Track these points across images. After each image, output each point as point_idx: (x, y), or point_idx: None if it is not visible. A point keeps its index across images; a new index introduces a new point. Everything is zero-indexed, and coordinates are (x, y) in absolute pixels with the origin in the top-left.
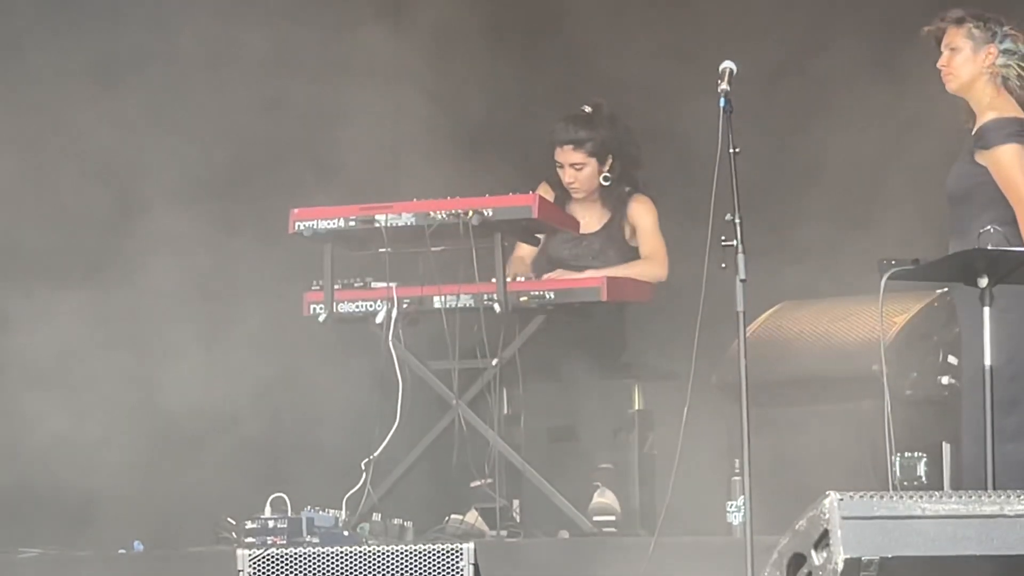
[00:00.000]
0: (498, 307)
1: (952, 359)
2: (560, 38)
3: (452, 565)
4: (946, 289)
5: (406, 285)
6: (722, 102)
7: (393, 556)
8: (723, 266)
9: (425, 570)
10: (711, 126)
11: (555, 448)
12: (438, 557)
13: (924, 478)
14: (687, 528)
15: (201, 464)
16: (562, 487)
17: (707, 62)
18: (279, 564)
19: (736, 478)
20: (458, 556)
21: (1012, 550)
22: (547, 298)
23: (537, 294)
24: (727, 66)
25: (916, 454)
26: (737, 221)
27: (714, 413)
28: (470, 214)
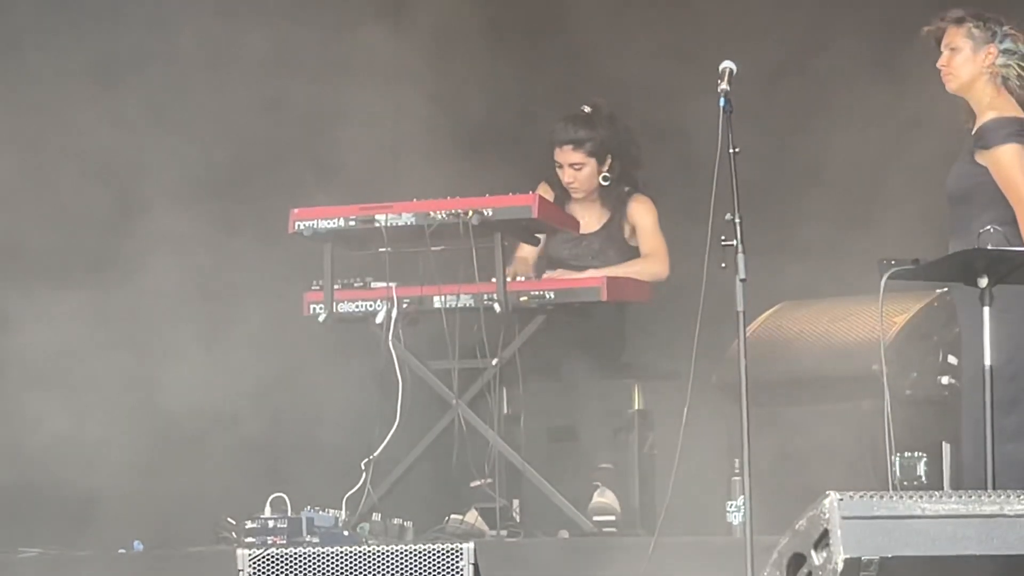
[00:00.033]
0: (498, 307)
1: (952, 359)
2: (560, 38)
3: (452, 565)
4: (946, 289)
5: (406, 285)
6: (722, 102)
7: (393, 556)
8: (723, 266)
9: (425, 570)
10: (711, 126)
11: (555, 448)
12: (438, 557)
13: (924, 478)
14: (687, 528)
15: (201, 464)
16: (562, 487)
17: (707, 62)
18: (279, 564)
19: (736, 478)
20: (458, 556)
21: (1012, 550)
22: (547, 298)
23: (537, 294)
24: (727, 66)
25: (916, 454)
26: (737, 221)
27: (714, 413)
28: (470, 214)
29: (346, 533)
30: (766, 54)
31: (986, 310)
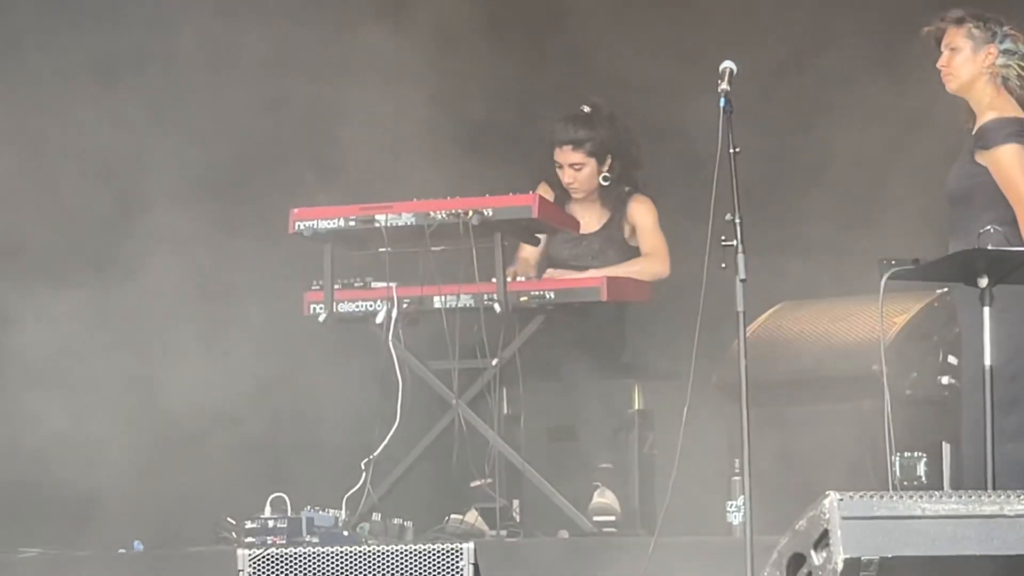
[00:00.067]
0: (498, 307)
1: (952, 359)
2: (561, 37)
3: (452, 565)
4: (946, 289)
5: (406, 285)
6: (722, 102)
7: (393, 556)
8: (723, 266)
9: (425, 570)
10: (712, 125)
11: (555, 448)
12: (438, 557)
13: (924, 478)
14: (687, 528)
15: (201, 464)
16: (562, 487)
17: (709, 61)
18: (279, 564)
19: (736, 478)
20: (458, 556)
21: (1012, 550)
22: (547, 298)
23: (537, 294)
24: (727, 66)
25: (916, 454)
26: (737, 221)
27: (714, 413)
28: (470, 214)
29: (346, 533)
30: (767, 53)
31: (986, 310)
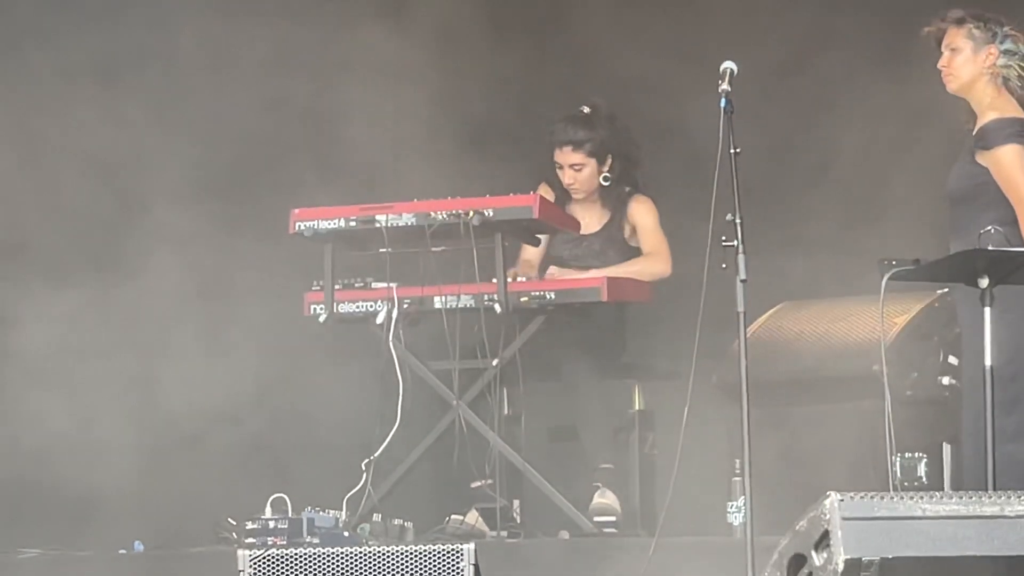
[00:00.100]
0: (498, 307)
1: (952, 359)
2: (562, 37)
3: (453, 565)
4: (947, 289)
5: (407, 285)
6: (723, 102)
7: (393, 556)
8: (724, 266)
9: (425, 570)
10: (715, 124)
11: (555, 448)
12: (439, 557)
13: (924, 478)
14: (688, 528)
15: (202, 464)
16: (562, 487)
17: (711, 60)
18: (280, 564)
19: (736, 478)
20: (459, 556)
21: (1012, 551)
22: (547, 298)
23: (537, 294)
24: (728, 66)
25: (916, 454)
26: (738, 221)
27: (715, 414)
28: (471, 214)
29: (346, 534)
30: (769, 52)
31: (987, 311)
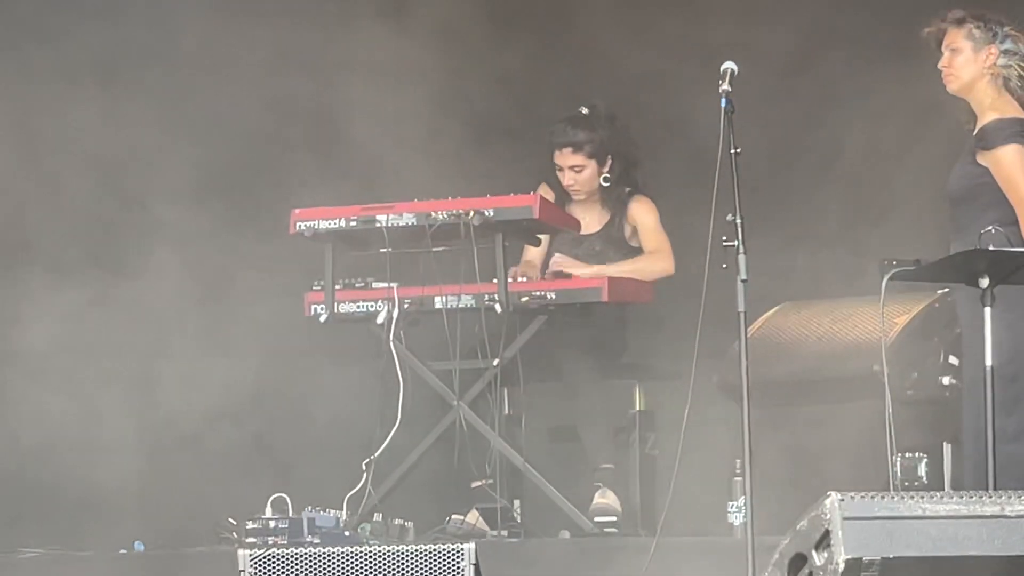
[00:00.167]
0: (499, 307)
1: (953, 359)
2: (564, 34)
3: (453, 565)
4: (947, 290)
5: (407, 285)
6: (723, 102)
7: (394, 556)
8: (724, 266)
9: (426, 570)
10: (719, 123)
11: (556, 448)
12: (439, 557)
13: (925, 478)
14: (688, 529)
15: (202, 464)
16: (563, 487)
17: (715, 57)
18: (280, 564)
19: (737, 478)
20: (459, 556)
21: (1013, 551)
22: (548, 298)
23: (538, 294)
24: (728, 66)
25: (917, 454)
26: (738, 221)
27: (715, 414)
28: (471, 214)
29: (347, 533)
30: (773, 50)
31: (987, 311)
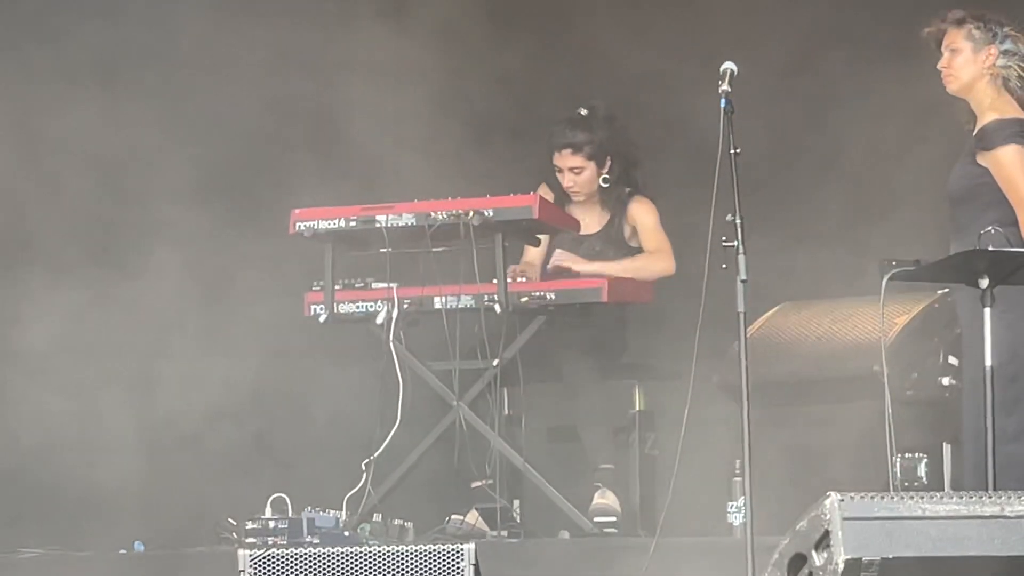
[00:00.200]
0: (499, 308)
1: (953, 360)
2: (565, 34)
3: (453, 565)
4: (947, 290)
5: (407, 285)
6: (723, 103)
7: (394, 556)
8: (724, 267)
9: (426, 570)
10: (719, 122)
11: (556, 449)
12: (439, 557)
13: (925, 479)
14: (688, 529)
15: (202, 464)
16: (563, 488)
17: (717, 56)
18: (280, 564)
19: (737, 479)
20: (459, 557)
21: (1013, 551)
22: (548, 299)
23: (538, 295)
24: (728, 67)
25: (917, 455)
26: (738, 222)
27: (715, 414)
28: (471, 214)
29: (347, 534)
30: (774, 50)
31: (987, 311)
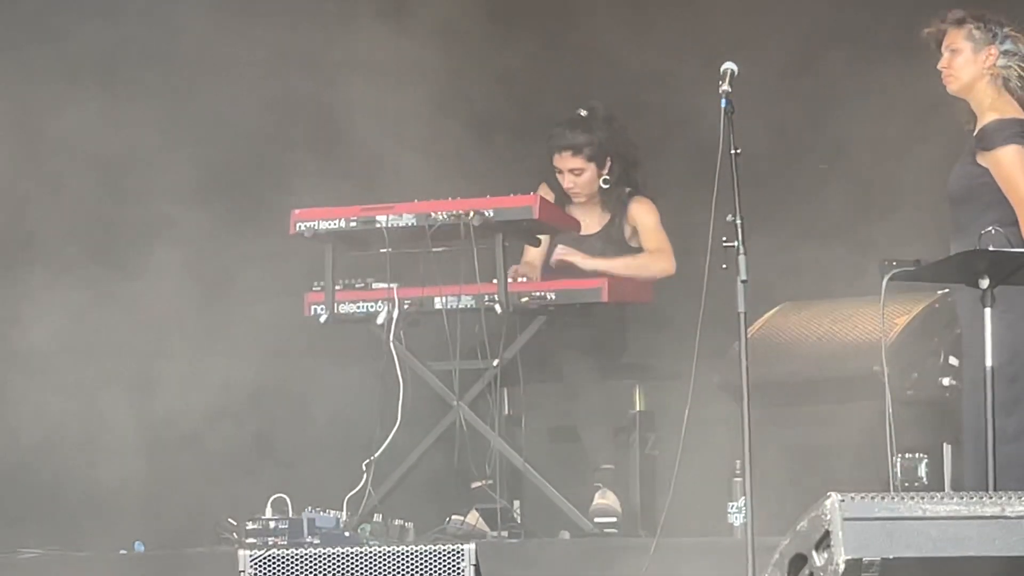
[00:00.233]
0: (499, 308)
1: (953, 360)
2: (566, 33)
3: (453, 566)
4: (947, 290)
5: (407, 286)
6: (723, 103)
7: (394, 557)
8: (724, 267)
9: (426, 571)
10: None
11: (556, 449)
12: (439, 558)
13: (925, 479)
14: (688, 529)
15: (202, 464)
16: (563, 488)
17: (719, 54)
18: (280, 565)
19: (737, 479)
20: (459, 557)
21: (1013, 551)
22: (548, 299)
23: (538, 295)
24: (728, 67)
25: (917, 455)
26: (738, 222)
27: (716, 414)
28: (471, 215)
29: (347, 534)
30: (776, 49)
31: (987, 311)
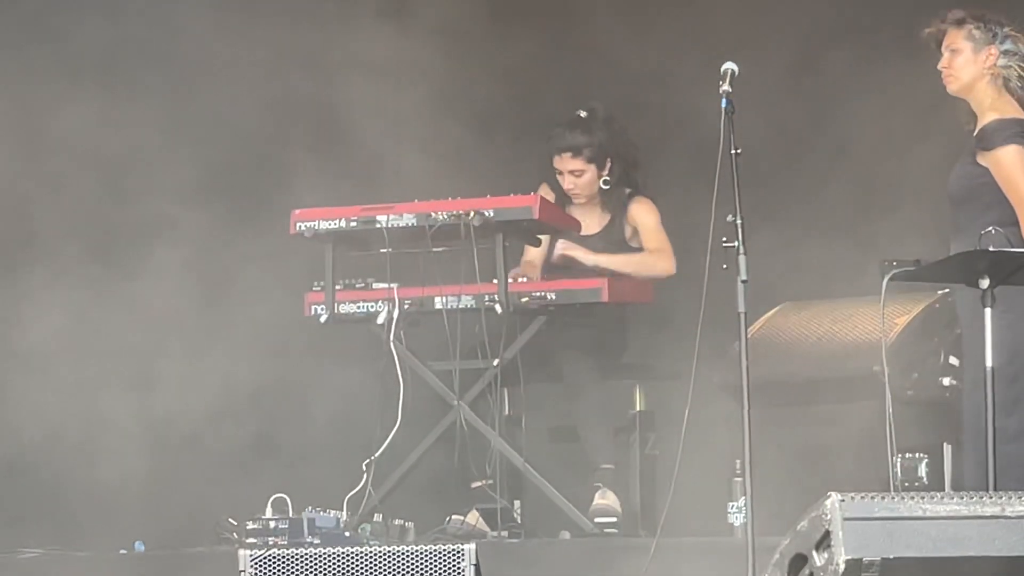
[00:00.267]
0: (499, 308)
1: (953, 360)
2: (567, 34)
3: (453, 566)
4: (947, 290)
5: (407, 286)
6: (724, 103)
7: (394, 557)
8: (724, 267)
9: (426, 571)
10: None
11: (556, 449)
12: (439, 558)
13: (925, 479)
14: (688, 529)
15: (202, 464)
16: (563, 488)
17: (720, 53)
18: (280, 564)
19: (737, 479)
20: (460, 557)
21: (1013, 551)
22: (548, 299)
23: (538, 295)
24: (728, 67)
25: (917, 455)
26: (739, 222)
27: (716, 414)
28: (471, 215)
29: (347, 534)
30: (778, 48)
31: (987, 311)
